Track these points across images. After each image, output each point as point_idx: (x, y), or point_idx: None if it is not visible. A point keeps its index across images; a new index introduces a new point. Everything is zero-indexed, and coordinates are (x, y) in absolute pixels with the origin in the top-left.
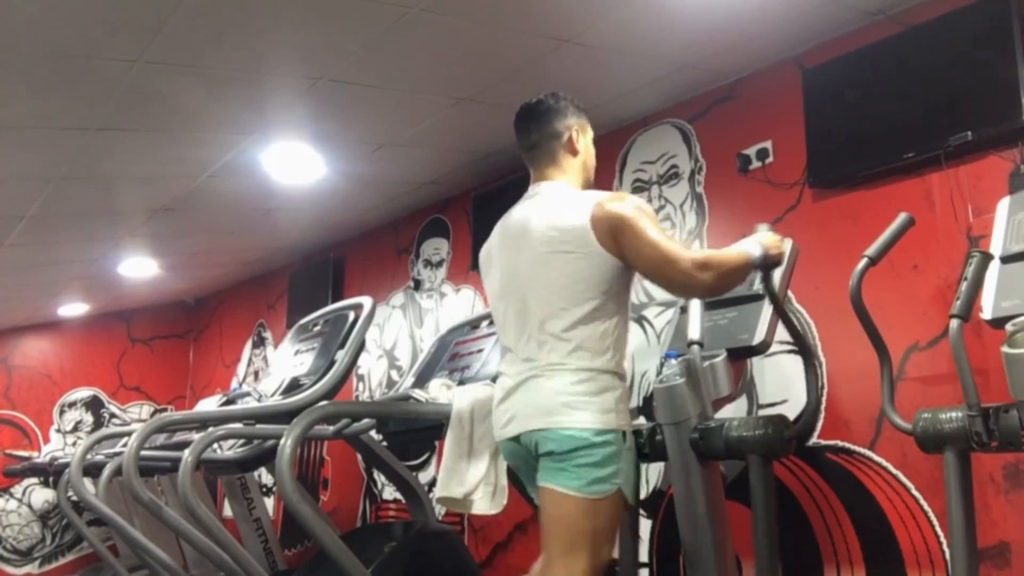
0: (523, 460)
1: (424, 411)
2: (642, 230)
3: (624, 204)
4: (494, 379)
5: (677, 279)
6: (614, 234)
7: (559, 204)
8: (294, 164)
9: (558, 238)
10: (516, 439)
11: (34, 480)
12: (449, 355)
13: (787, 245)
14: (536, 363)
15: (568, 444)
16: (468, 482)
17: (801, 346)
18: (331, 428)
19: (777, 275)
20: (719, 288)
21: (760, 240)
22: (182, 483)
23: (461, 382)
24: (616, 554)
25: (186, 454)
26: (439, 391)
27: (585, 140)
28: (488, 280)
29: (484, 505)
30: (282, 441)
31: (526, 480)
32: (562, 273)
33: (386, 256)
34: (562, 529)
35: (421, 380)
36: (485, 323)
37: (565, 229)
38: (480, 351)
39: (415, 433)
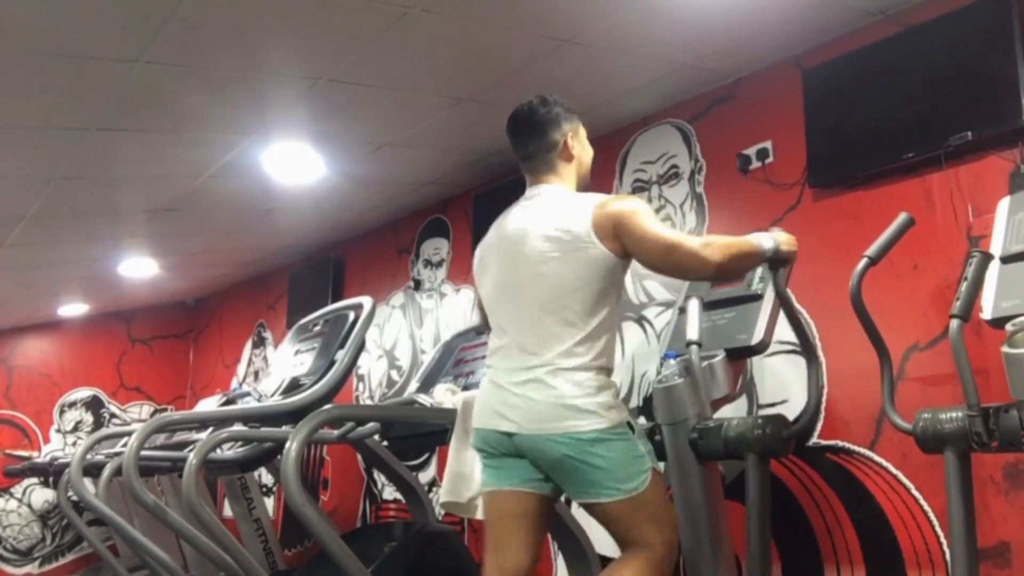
0: (505, 452)
1: (429, 416)
2: (644, 223)
3: (624, 202)
4: None
5: (684, 261)
6: (617, 232)
7: (560, 207)
8: (294, 164)
9: (561, 240)
10: (508, 434)
11: (34, 480)
12: (454, 361)
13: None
14: (535, 362)
15: (583, 443)
16: (473, 487)
17: (805, 347)
18: (335, 432)
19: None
20: (726, 268)
21: (772, 236)
22: (186, 484)
23: (466, 387)
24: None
25: (191, 456)
26: (444, 396)
27: (579, 141)
28: (483, 279)
29: None
30: (288, 444)
31: (496, 467)
32: (564, 274)
33: (386, 256)
34: (628, 526)
35: (426, 385)
36: None
37: (568, 231)
38: (485, 357)
39: (419, 438)
